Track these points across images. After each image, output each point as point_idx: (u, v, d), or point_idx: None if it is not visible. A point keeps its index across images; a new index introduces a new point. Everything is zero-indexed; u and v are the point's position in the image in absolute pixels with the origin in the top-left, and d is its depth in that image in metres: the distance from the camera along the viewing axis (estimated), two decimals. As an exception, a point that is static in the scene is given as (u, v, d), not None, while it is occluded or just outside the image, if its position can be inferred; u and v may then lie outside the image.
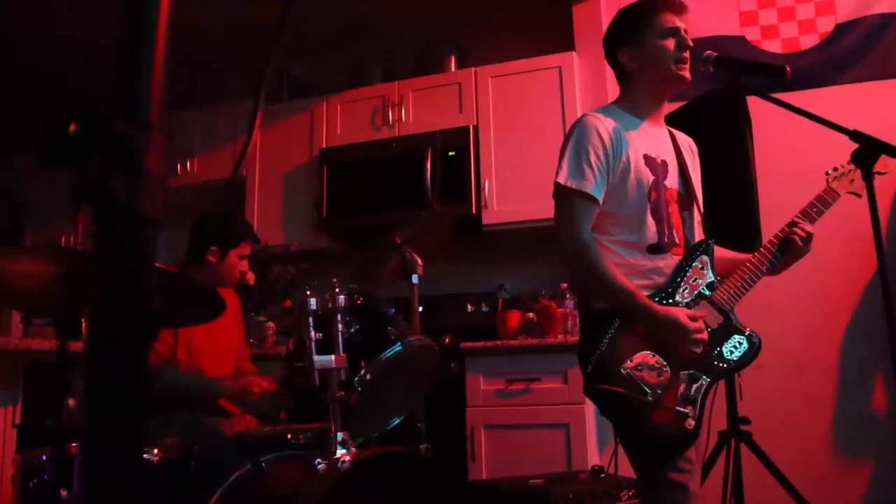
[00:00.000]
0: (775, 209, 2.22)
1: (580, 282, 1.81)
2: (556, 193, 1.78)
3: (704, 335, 1.66)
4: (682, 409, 1.61)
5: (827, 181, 1.88)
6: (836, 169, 1.89)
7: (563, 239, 1.73)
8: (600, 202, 1.73)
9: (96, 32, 2.56)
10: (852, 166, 1.88)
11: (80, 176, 0.47)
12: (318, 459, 1.71)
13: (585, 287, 1.81)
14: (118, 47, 0.51)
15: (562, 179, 1.73)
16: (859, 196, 1.85)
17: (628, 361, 1.62)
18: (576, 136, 1.77)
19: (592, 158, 1.72)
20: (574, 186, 1.71)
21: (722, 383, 2.31)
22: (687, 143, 1.97)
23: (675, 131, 1.94)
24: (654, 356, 1.64)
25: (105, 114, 0.48)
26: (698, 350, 1.65)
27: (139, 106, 0.50)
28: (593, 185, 1.71)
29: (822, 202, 1.84)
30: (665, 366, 1.63)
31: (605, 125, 1.77)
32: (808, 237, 1.79)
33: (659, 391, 1.61)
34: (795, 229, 1.79)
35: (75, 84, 4.26)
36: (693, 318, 1.66)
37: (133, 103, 0.49)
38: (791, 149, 3.34)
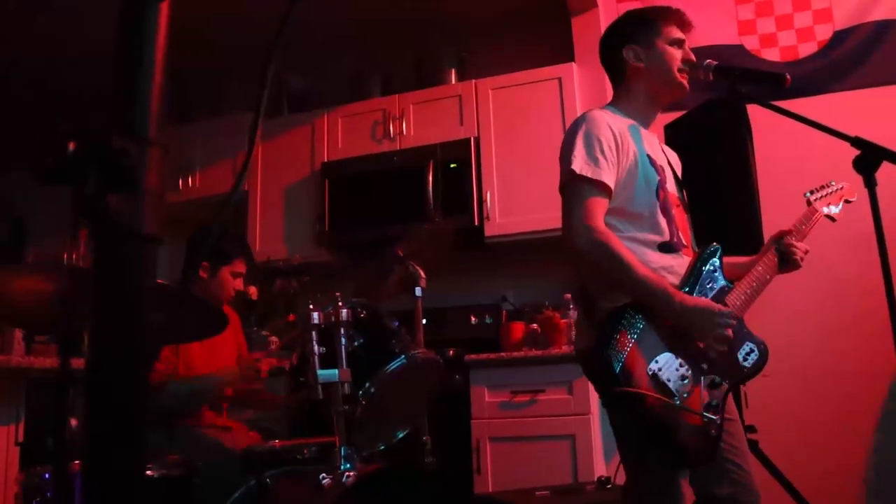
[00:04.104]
0: (777, 216, 2.22)
1: (598, 274, 1.66)
2: (566, 184, 1.69)
3: (733, 325, 1.62)
4: (709, 416, 1.57)
5: (808, 201, 1.91)
6: (812, 192, 1.93)
7: (576, 230, 1.62)
8: (613, 194, 1.67)
9: (95, 45, 2.58)
10: (830, 188, 1.93)
11: (78, 192, 0.47)
12: (323, 474, 1.70)
13: (603, 280, 1.66)
14: (116, 62, 0.51)
15: (577, 168, 1.64)
16: (833, 220, 1.92)
17: (653, 363, 1.55)
18: (586, 126, 1.70)
19: (606, 149, 1.66)
20: (590, 175, 1.63)
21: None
22: (674, 157, 1.95)
23: (663, 145, 1.94)
24: (676, 358, 1.58)
25: (103, 129, 0.47)
26: (729, 335, 1.59)
27: (137, 121, 0.49)
28: (608, 175, 1.65)
29: (809, 221, 1.87)
30: (688, 369, 1.58)
31: (613, 119, 1.74)
32: (804, 255, 1.82)
33: (685, 395, 1.55)
34: (796, 248, 1.79)
35: (75, 97, 4.28)
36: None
37: (131, 119, 0.49)
38: (792, 156, 3.34)
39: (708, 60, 1.78)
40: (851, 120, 2.70)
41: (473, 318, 3.87)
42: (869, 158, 1.57)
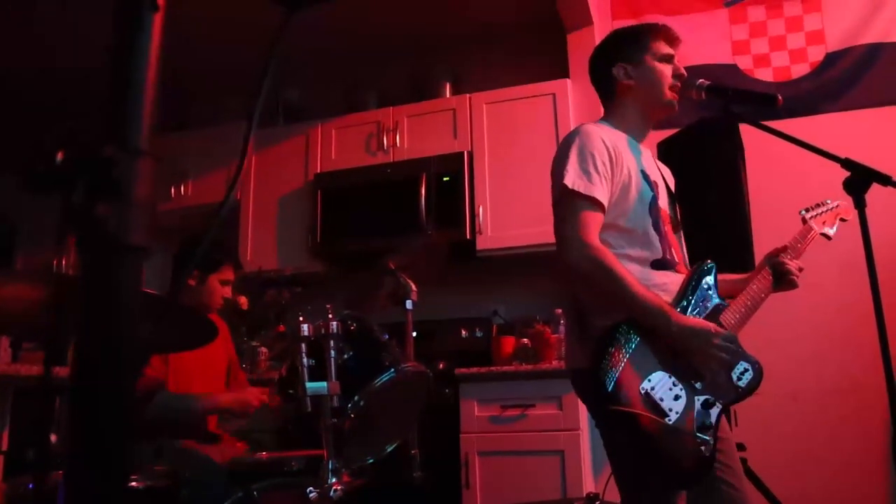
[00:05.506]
0: (768, 235, 2.23)
1: (592, 290, 1.63)
2: (559, 199, 1.67)
3: (732, 349, 1.60)
4: (702, 436, 1.55)
5: (804, 219, 1.90)
6: (808, 210, 1.92)
7: (570, 245, 1.60)
8: (606, 210, 1.65)
9: (89, 54, 2.58)
10: (825, 207, 1.94)
11: (66, 202, 0.46)
12: (311, 488, 1.69)
13: (597, 296, 1.64)
14: (109, 71, 0.51)
15: (569, 182, 1.62)
16: (829, 238, 1.90)
17: (646, 381, 1.53)
18: (579, 141, 1.68)
19: (599, 164, 1.64)
20: (582, 190, 1.62)
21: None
22: (668, 172, 1.94)
23: (657, 160, 1.94)
24: (670, 377, 1.56)
25: (92, 139, 0.47)
26: (726, 358, 1.58)
27: (128, 131, 0.49)
28: (601, 191, 1.63)
29: (804, 239, 1.86)
30: (682, 388, 1.56)
31: (606, 134, 1.72)
32: (799, 273, 1.81)
33: (678, 415, 1.54)
34: (790, 266, 1.77)
35: (65, 106, 4.28)
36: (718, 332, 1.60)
37: (122, 128, 0.49)
38: (783, 176, 3.37)
39: (701, 80, 1.79)
40: (842, 141, 2.72)
41: (464, 332, 3.86)
42: (859, 180, 1.58)
